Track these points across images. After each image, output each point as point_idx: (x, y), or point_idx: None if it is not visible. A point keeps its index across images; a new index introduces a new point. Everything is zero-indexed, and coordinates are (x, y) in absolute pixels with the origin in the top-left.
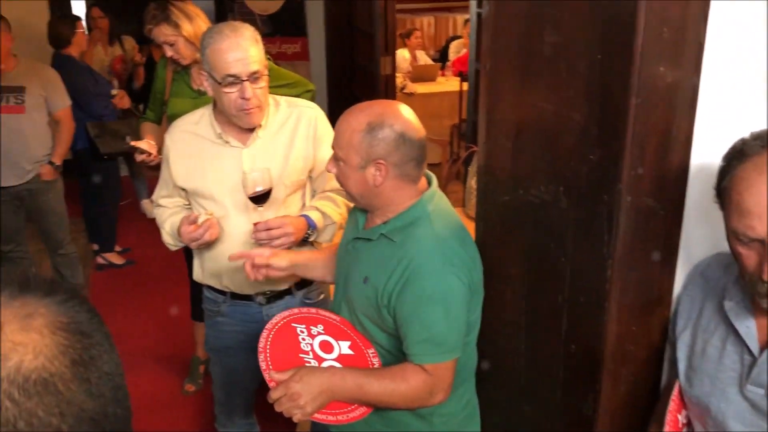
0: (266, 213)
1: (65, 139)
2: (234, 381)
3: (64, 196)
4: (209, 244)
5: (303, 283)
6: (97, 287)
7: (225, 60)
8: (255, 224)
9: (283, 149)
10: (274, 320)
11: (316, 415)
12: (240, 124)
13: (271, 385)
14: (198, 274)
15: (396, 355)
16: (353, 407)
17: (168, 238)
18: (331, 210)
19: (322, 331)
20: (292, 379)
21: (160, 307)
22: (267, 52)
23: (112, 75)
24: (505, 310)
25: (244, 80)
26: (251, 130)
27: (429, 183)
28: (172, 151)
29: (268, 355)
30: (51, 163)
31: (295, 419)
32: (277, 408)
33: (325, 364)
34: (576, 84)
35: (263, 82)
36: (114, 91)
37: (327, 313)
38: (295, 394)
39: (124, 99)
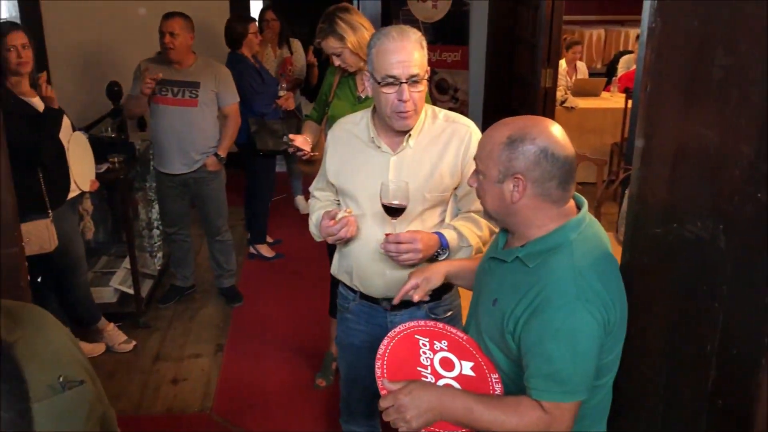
0: (400, 225)
1: (231, 133)
2: (355, 378)
3: (230, 186)
4: (345, 241)
5: (431, 297)
6: (246, 275)
7: (388, 61)
8: (386, 235)
9: (431, 162)
10: (398, 329)
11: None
12: (394, 126)
13: (382, 393)
14: (334, 268)
15: (518, 384)
16: (463, 430)
17: (313, 229)
18: (469, 232)
19: (445, 348)
20: (401, 391)
21: (302, 300)
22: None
23: (282, 77)
24: (644, 352)
25: (402, 82)
26: (402, 136)
27: (579, 207)
28: (330, 147)
29: (385, 362)
30: (216, 155)
31: (401, 431)
32: (385, 417)
33: (441, 382)
34: (747, 113)
35: (422, 87)
36: (281, 93)
37: (454, 330)
38: (402, 407)
39: (290, 101)
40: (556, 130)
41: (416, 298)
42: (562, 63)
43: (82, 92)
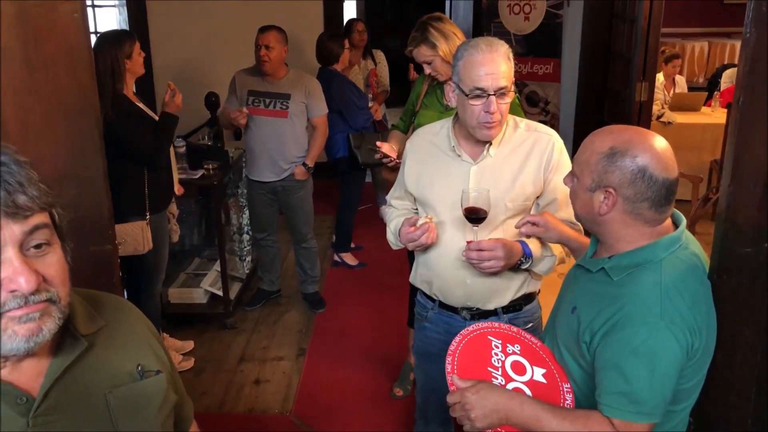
0: (481, 233)
1: (319, 143)
2: (432, 388)
3: (318, 195)
4: (425, 248)
5: (511, 308)
6: (329, 282)
7: (476, 73)
8: (468, 242)
9: (513, 171)
10: (471, 327)
11: None
12: (478, 137)
13: (451, 389)
14: (414, 277)
15: (589, 397)
16: None
17: (390, 237)
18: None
19: (518, 352)
20: (469, 389)
21: (383, 309)
22: (517, 72)
23: (368, 88)
24: (732, 377)
25: (490, 95)
26: (483, 146)
27: (677, 225)
28: (410, 155)
29: (456, 359)
30: (305, 164)
31: (465, 430)
32: (452, 413)
33: (511, 385)
34: None
35: (508, 99)
36: (369, 104)
37: (528, 336)
38: (469, 405)
39: (378, 111)
40: (662, 148)
41: (523, 230)
42: (660, 77)
43: (183, 102)
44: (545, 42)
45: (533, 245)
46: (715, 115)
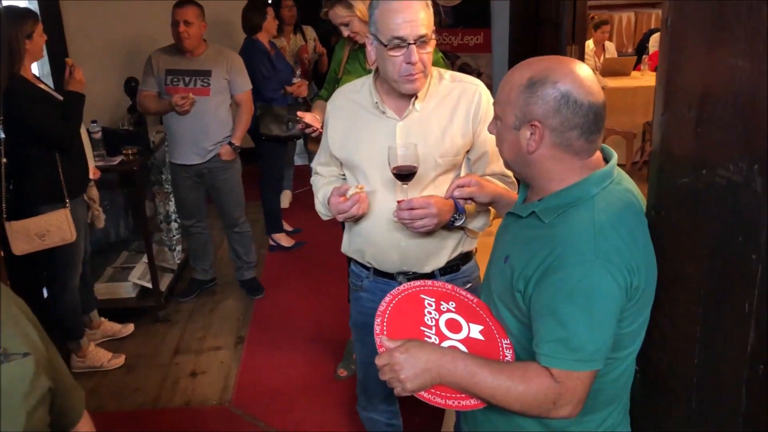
0: (412, 192)
1: (244, 121)
2: (372, 361)
3: (252, 181)
4: (356, 219)
5: (449, 269)
6: (268, 267)
7: (393, 21)
8: (398, 202)
9: (441, 125)
10: (402, 287)
11: (422, 394)
12: (401, 90)
13: (380, 350)
14: (345, 246)
15: (528, 350)
16: (464, 397)
17: (320, 207)
18: None
19: (453, 309)
20: (398, 349)
21: (323, 290)
22: (448, 44)
23: (297, 64)
24: (675, 318)
25: (410, 43)
26: (408, 101)
27: (607, 160)
28: (331, 117)
29: (385, 320)
30: (230, 143)
31: (396, 393)
32: (381, 376)
33: (446, 344)
34: None
35: (429, 48)
36: (295, 80)
37: (463, 292)
38: (397, 365)
39: (302, 88)
40: (584, 72)
41: (456, 193)
42: (590, 43)
43: (103, 89)
44: (474, 12)
45: None
46: (645, 78)
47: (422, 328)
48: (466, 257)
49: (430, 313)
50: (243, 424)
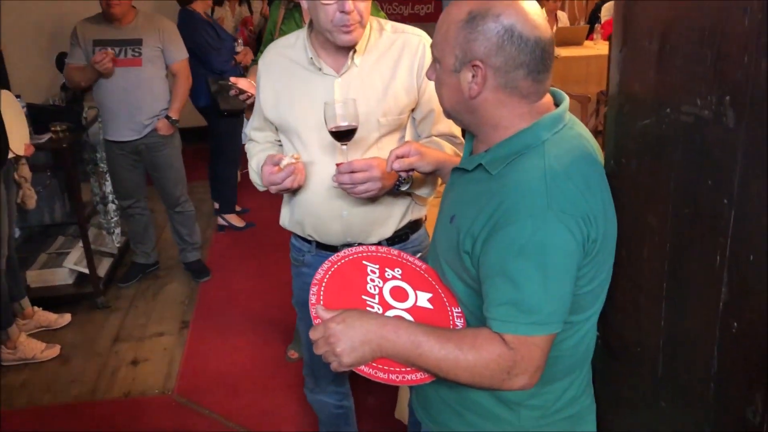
0: (353, 155)
1: (182, 92)
2: None
3: (194, 159)
4: (292, 191)
5: (396, 239)
6: (215, 247)
7: None
8: (337, 165)
9: (383, 80)
10: (342, 253)
11: (362, 368)
12: (336, 42)
13: (315, 322)
14: (284, 219)
15: (480, 318)
16: (409, 370)
17: (254, 177)
18: None
19: (399, 276)
20: (334, 319)
21: (274, 271)
22: (399, 14)
23: (237, 32)
24: (640, 274)
25: None
26: (346, 55)
27: (557, 104)
28: (263, 76)
29: (323, 289)
30: (168, 117)
31: (333, 369)
32: (315, 350)
33: (391, 313)
34: None
35: None
36: (239, 48)
37: (410, 258)
38: (333, 338)
39: (248, 55)
40: (529, 5)
41: (396, 164)
42: (542, 12)
43: (36, 67)
44: None
45: None
46: (597, 47)
47: (364, 297)
48: (415, 225)
49: (373, 280)
50: (187, 413)
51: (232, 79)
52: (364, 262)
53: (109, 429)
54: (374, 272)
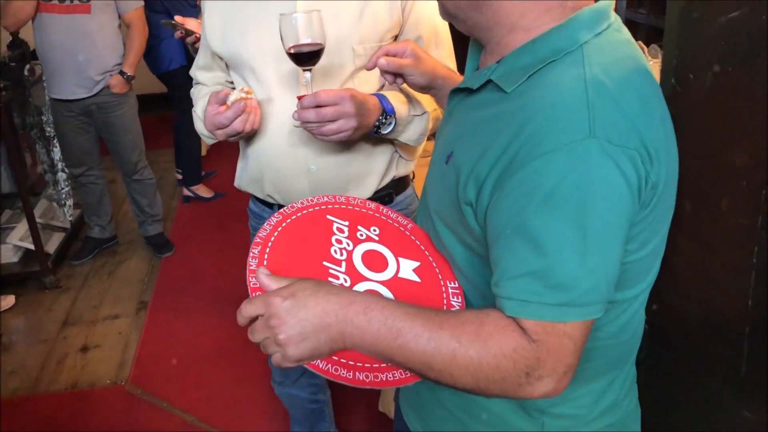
0: (320, 88)
1: (137, 46)
2: None
3: (155, 127)
4: (245, 136)
5: (378, 201)
6: (180, 220)
7: None
8: (299, 98)
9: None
10: (298, 203)
11: (317, 364)
12: None
13: (251, 295)
14: (239, 178)
15: (486, 295)
16: (384, 367)
17: (199, 125)
18: (422, 96)
19: (375, 237)
20: (279, 292)
21: (242, 244)
22: None
23: None
24: (714, 235)
25: None
26: None
27: None
28: (208, 2)
29: (268, 249)
30: (121, 72)
31: (274, 363)
32: (250, 335)
33: (362, 287)
34: None
35: None
36: None
37: (392, 214)
38: (275, 319)
39: None
40: None
41: (383, 60)
42: None
43: None
44: None
45: (396, 99)
46: None
47: (326, 263)
48: (400, 184)
49: (339, 242)
50: (141, 406)
51: (178, 18)
52: (330, 216)
53: (51, 427)
54: (342, 231)
